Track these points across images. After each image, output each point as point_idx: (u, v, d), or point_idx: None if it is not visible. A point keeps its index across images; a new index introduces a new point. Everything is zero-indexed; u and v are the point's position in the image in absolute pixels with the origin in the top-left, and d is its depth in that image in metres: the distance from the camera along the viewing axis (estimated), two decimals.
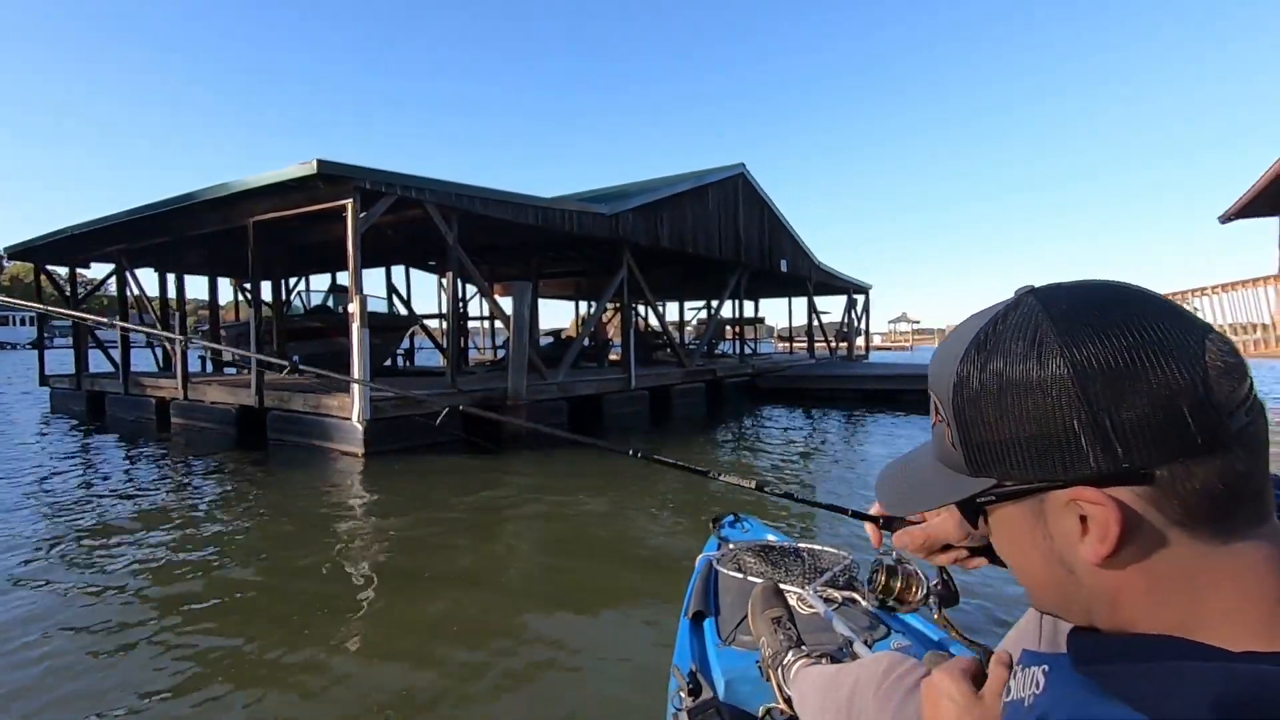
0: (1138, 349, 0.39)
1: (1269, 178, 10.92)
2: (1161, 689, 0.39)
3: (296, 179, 7.41)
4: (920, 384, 13.70)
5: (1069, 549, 0.43)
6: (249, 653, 2.99)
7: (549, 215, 10.24)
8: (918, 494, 0.54)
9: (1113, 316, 0.40)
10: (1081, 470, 0.40)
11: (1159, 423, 0.38)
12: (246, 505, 5.78)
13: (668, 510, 5.57)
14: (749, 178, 15.94)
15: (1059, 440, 0.41)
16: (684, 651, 1.69)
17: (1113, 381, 0.39)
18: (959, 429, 0.47)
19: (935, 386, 0.50)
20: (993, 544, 0.53)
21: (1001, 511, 0.47)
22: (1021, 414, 0.42)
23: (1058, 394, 0.40)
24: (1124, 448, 0.39)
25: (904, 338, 56.52)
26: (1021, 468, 0.43)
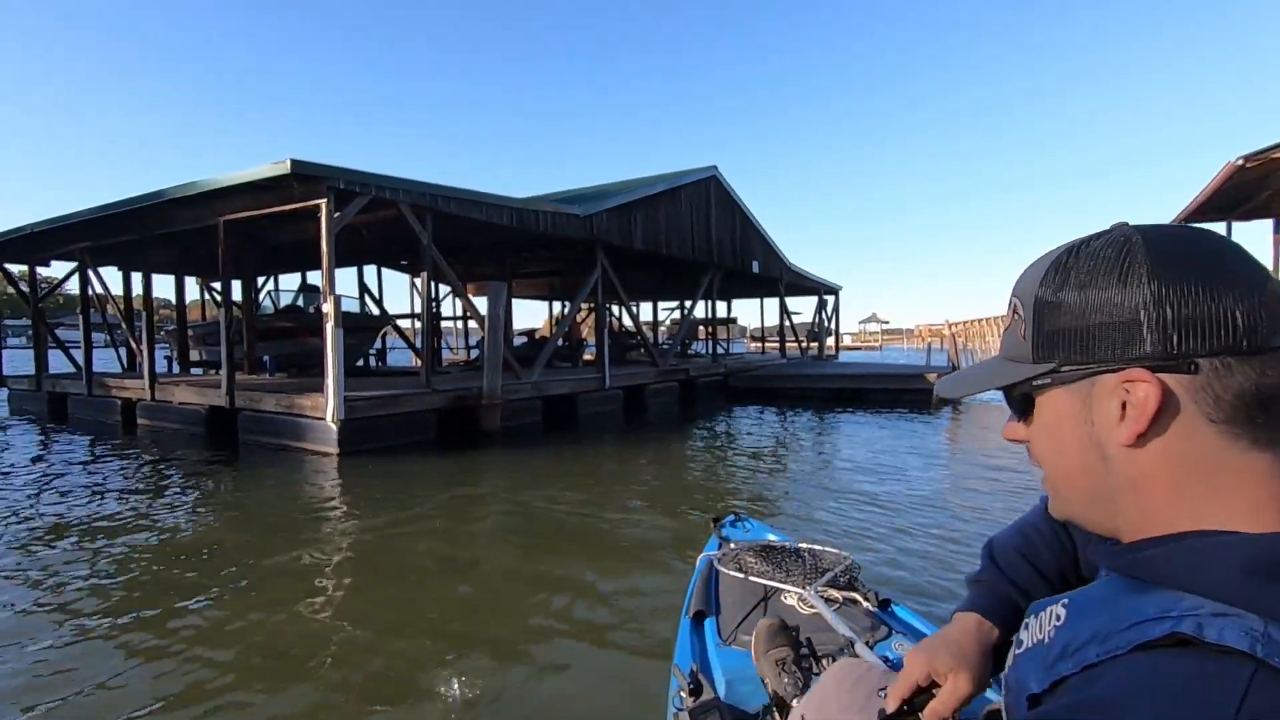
0: (1214, 276, 0.45)
1: (1215, 185, 11.40)
2: (1192, 562, 0.43)
3: (270, 178, 7.38)
4: (883, 382, 14.04)
5: (1107, 432, 0.48)
6: (216, 659, 2.92)
7: (523, 216, 10.31)
8: (978, 378, 0.60)
9: (1194, 246, 0.47)
10: (1135, 353, 0.46)
11: (1212, 319, 0.44)
12: (216, 506, 5.72)
13: (647, 503, 5.69)
14: (721, 180, 16.16)
15: (1123, 328, 0.46)
16: (685, 651, 1.69)
17: (1180, 281, 0.45)
18: (1035, 318, 0.52)
19: (1019, 288, 0.55)
20: (1033, 439, 0.56)
21: (1052, 397, 0.52)
22: (1098, 307, 0.48)
23: (1135, 295, 0.46)
24: (1178, 335, 0.45)
25: (874, 338, 57.41)
26: (1083, 353, 0.49)
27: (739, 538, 2.33)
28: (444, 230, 10.02)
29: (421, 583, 3.93)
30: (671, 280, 19.53)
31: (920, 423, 10.80)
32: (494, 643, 3.07)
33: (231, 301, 9.59)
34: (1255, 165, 10.38)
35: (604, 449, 8.85)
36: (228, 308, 9.34)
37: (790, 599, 1.79)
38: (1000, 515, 5.06)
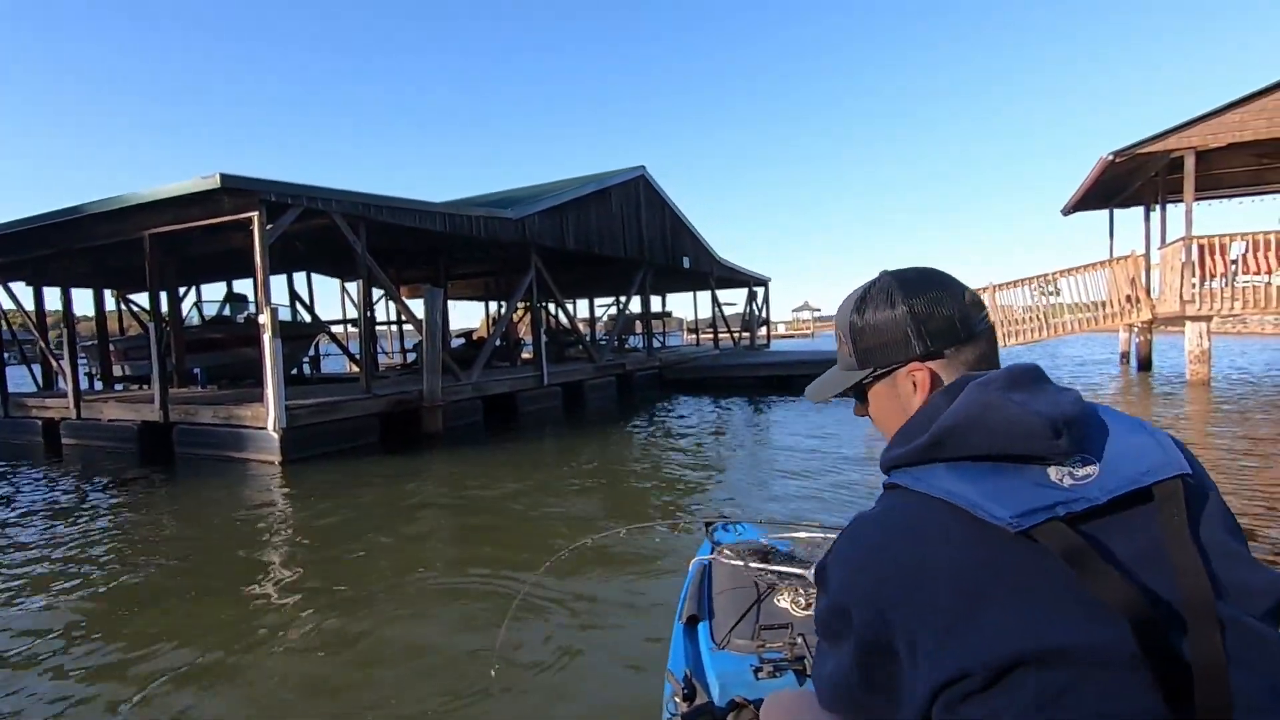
0: (936, 294, 0.80)
1: (1092, 178, 12.61)
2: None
3: (199, 192, 7.42)
4: (809, 369, 14.86)
5: (908, 400, 0.81)
6: (160, 684, 2.86)
7: (456, 221, 10.53)
8: (831, 385, 0.91)
9: (925, 282, 0.81)
10: (911, 354, 0.80)
11: (945, 328, 0.79)
12: (154, 522, 5.69)
13: (592, 500, 6.08)
14: (650, 180, 16.65)
15: (901, 341, 0.80)
16: (678, 656, 1.69)
17: (925, 311, 0.79)
18: (852, 344, 0.85)
19: (839, 323, 0.88)
20: (870, 413, 0.88)
21: (875, 388, 0.85)
22: (885, 329, 0.81)
23: (900, 319, 0.80)
24: (931, 340, 0.79)
25: (806, 325, 59.17)
26: (885, 358, 0.82)
27: (730, 542, 2.31)
28: (377, 236, 10.15)
29: (382, 593, 4.24)
30: (605, 278, 19.95)
31: (845, 405, 11.58)
32: (461, 644, 3.44)
33: (160, 313, 9.46)
34: (1124, 160, 11.59)
35: (545, 443, 9.23)
36: (157, 320, 9.25)
37: (783, 601, 1.79)
38: None
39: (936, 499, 0.65)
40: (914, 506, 0.67)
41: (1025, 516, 0.60)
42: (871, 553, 0.67)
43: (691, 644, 1.72)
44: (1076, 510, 0.61)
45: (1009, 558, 0.60)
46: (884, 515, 0.69)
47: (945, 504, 0.64)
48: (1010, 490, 0.63)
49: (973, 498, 0.63)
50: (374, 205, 9.13)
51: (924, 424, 0.71)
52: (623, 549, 4.32)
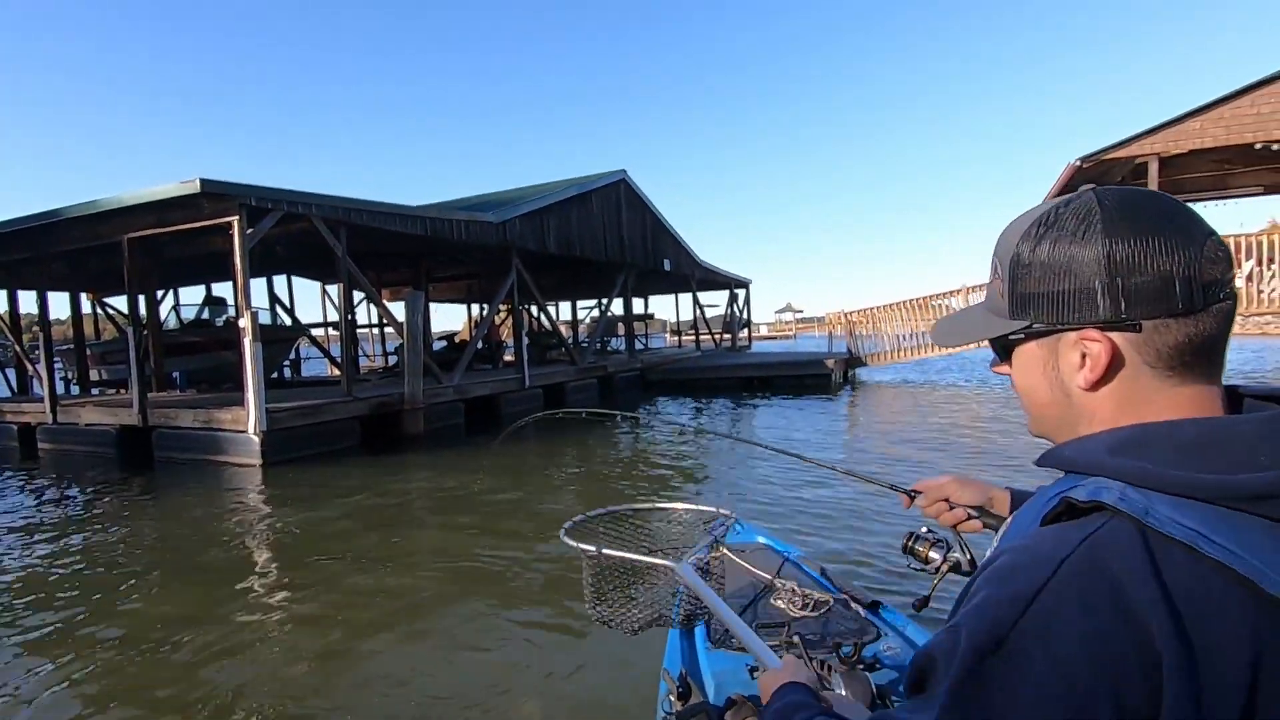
0: (1157, 236, 0.53)
1: (1060, 183, 12.94)
2: (1081, 448, 0.57)
3: (179, 196, 7.45)
4: (788, 370, 15.09)
5: (1070, 377, 0.58)
6: (145, 691, 2.87)
7: (437, 225, 10.60)
8: (967, 329, 0.70)
9: (1144, 214, 0.54)
10: (1091, 317, 0.55)
11: (1154, 290, 0.53)
12: (136, 526, 5.72)
13: (570, 493, 6.22)
14: (630, 183, 16.80)
15: (1083, 295, 0.55)
16: (674, 655, 1.70)
17: (1131, 259, 0.53)
18: (1010, 281, 0.61)
19: (999, 250, 0.63)
20: (1013, 376, 0.66)
21: (1025, 348, 0.62)
22: (1062, 274, 0.56)
23: (1090, 262, 0.55)
24: (1126, 304, 0.54)
25: (789, 327, 59.64)
26: (1050, 313, 0.58)
27: (730, 541, 2.28)
28: (358, 239, 10.19)
29: (370, 593, 4.33)
30: (587, 280, 20.06)
31: (825, 401, 11.80)
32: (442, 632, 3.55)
33: (139, 317, 9.45)
34: (1091, 165, 11.92)
35: (527, 445, 9.32)
36: (136, 324, 9.25)
37: (781, 600, 1.80)
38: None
39: (1206, 556, 0.47)
40: (1175, 556, 0.48)
41: None
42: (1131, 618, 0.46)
43: (688, 643, 1.73)
44: None
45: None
46: (1129, 557, 0.48)
47: (1216, 564, 0.46)
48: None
49: (1258, 561, 0.46)
50: (354, 209, 9.19)
51: (1224, 449, 0.51)
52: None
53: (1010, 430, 7.91)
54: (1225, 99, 10.82)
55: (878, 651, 1.54)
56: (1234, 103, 10.77)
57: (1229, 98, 10.79)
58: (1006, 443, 7.26)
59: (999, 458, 6.64)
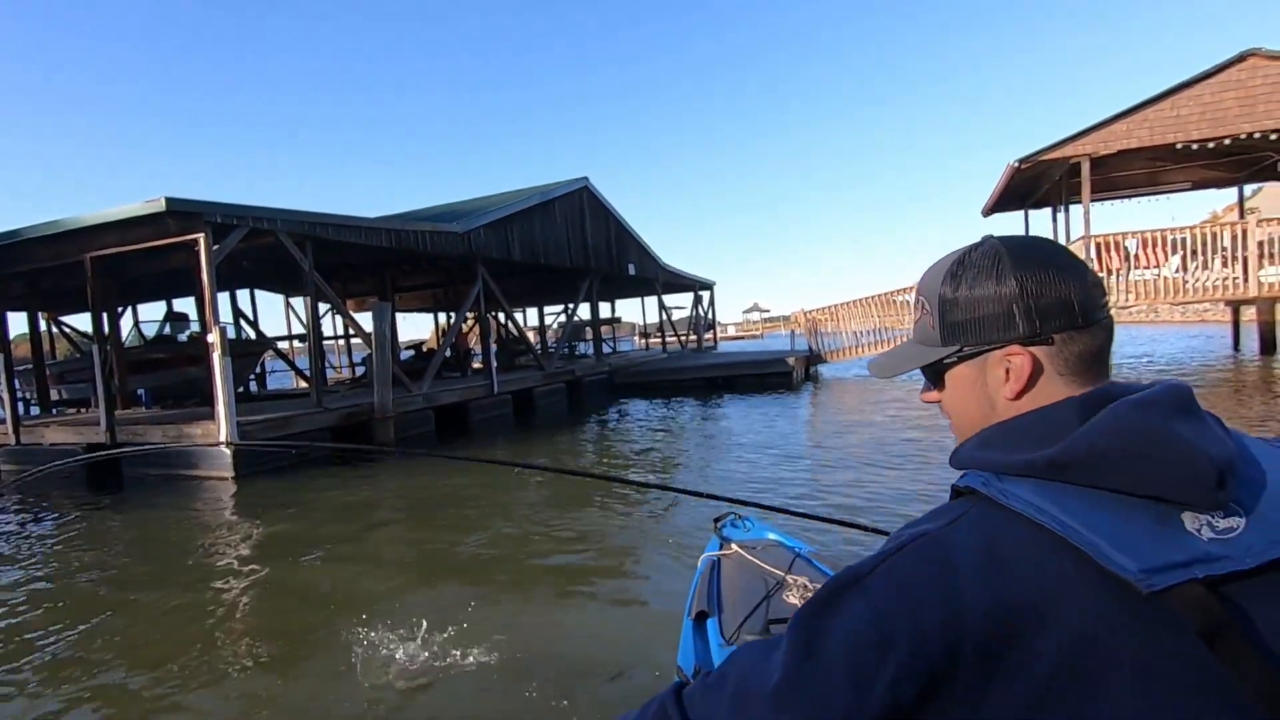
0: (1054, 268, 0.64)
1: (1002, 184, 13.60)
2: (964, 448, 0.68)
3: (144, 215, 7.54)
4: (752, 369, 15.52)
5: (997, 390, 0.67)
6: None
7: (402, 236, 10.78)
8: (903, 360, 0.77)
9: (1040, 253, 0.66)
10: (1013, 335, 0.64)
11: (1059, 309, 0.63)
12: (109, 545, 5.74)
13: (548, 508, 6.46)
14: (593, 190, 17.10)
15: (1004, 318, 0.65)
16: (687, 652, 1.71)
17: (1038, 286, 0.63)
18: (940, 315, 0.70)
19: (924, 291, 0.73)
20: (943, 400, 0.75)
21: (957, 370, 0.71)
22: (984, 303, 0.66)
23: (1009, 291, 0.64)
24: (1040, 321, 0.63)
25: (756, 326, 60.45)
26: (978, 336, 0.67)
27: (739, 538, 2.33)
28: (323, 252, 10.31)
29: (350, 602, 4.55)
30: (553, 286, 20.31)
31: (788, 398, 12.23)
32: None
33: (103, 335, 9.46)
34: (1029, 166, 12.57)
35: (496, 450, 9.56)
36: (101, 342, 9.25)
37: (793, 596, 1.81)
38: (867, 457, 6.28)
39: (1045, 528, 0.53)
40: (1016, 530, 0.55)
41: (1160, 574, 0.49)
42: (955, 577, 0.54)
43: (701, 640, 1.74)
44: (1216, 574, 0.50)
45: (1132, 624, 0.50)
46: (972, 531, 0.56)
47: (1054, 536, 0.53)
48: (1139, 535, 0.52)
49: (1096, 537, 0.51)
50: (319, 223, 9.33)
51: (1043, 431, 0.60)
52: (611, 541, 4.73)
53: None
54: (1148, 102, 11.52)
55: None
56: (1156, 106, 11.48)
57: (1151, 101, 11.50)
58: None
59: (949, 444, 7.09)
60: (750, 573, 1.97)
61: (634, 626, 3.33)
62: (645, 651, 2.90)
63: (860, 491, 5.34)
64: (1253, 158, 13.52)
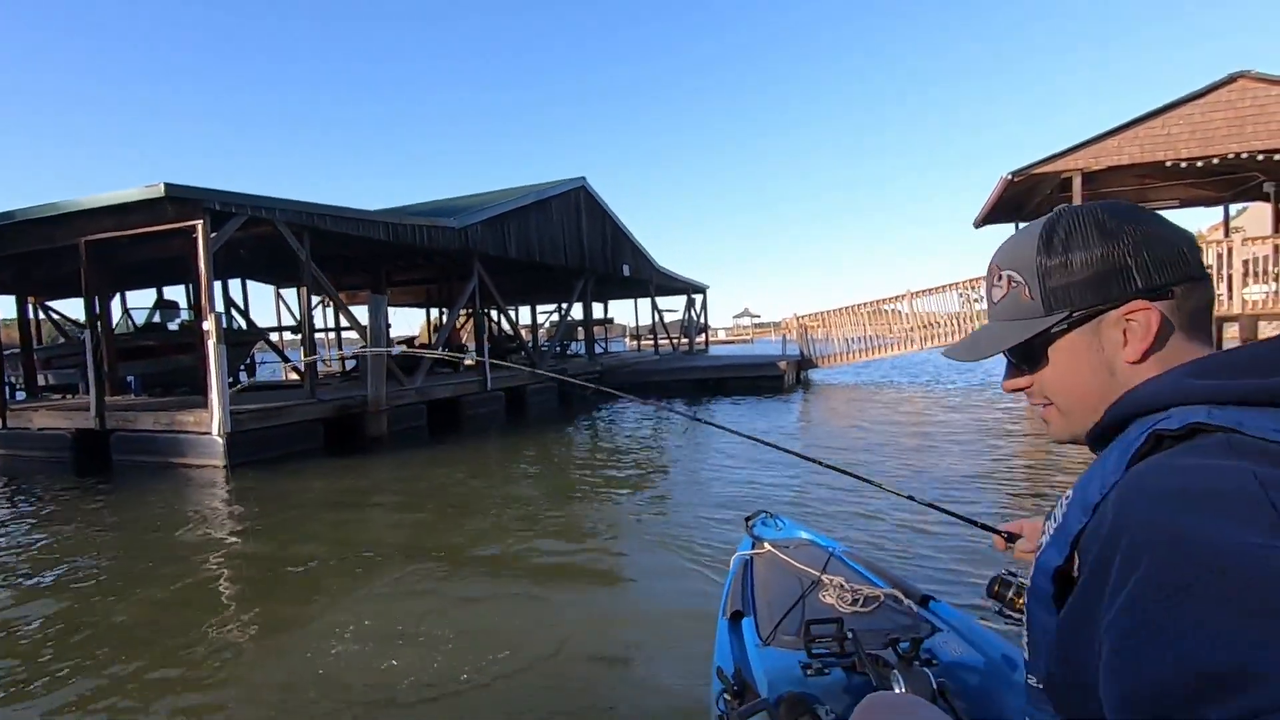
0: (1157, 222, 0.62)
1: (995, 196, 13.78)
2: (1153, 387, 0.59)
3: (143, 200, 7.51)
4: (742, 372, 15.61)
5: (1115, 354, 0.63)
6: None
7: (399, 230, 10.78)
8: (995, 341, 0.70)
9: (1135, 210, 0.64)
10: (1131, 290, 0.61)
11: (1175, 258, 0.61)
12: (95, 531, 5.65)
13: (541, 494, 6.50)
14: (589, 190, 17.16)
15: (1121, 273, 0.61)
16: (724, 653, 1.68)
17: (1149, 238, 0.61)
18: (1041, 281, 0.65)
19: (1011, 263, 0.69)
20: (1041, 381, 0.69)
21: (1064, 340, 0.66)
22: (1095, 261, 0.62)
23: (1123, 244, 0.61)
24: (1158, 273, 0.60)
25: (746, 331, 60.81)
26: (1092, 296, 0.62)
27: (771, 536, 2.31)
28: (319, 244, 10.29)
29: (344, 593, 4.56)
30: (548, 285, 20.33)
31: (779, 402, 12.32)
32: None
33: (96, 320, 9.40)
34: (1021, 179, 12.75)
35: (489, 445, 9.59)
36: (92, 327, 9.20)
37: (829, 596, 1.79)
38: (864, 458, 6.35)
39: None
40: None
41: None
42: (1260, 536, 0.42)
43: (737, 640, 1.71)
44: None
45: None
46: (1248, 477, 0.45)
47: None
48: None
49: None
50: (318, 214, 9.33)
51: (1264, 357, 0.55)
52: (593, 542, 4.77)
53: (951, 420, 8.51)
54: (1139, 120, 11.73)
55: (934, 647, 1.50)
56: (1147, 123, 11.69)
57: (1143, 119, 11.70)
58: (949, 432, 7.83)
59: (946, 442, 7.17)
60: (784, 572, 1.95)
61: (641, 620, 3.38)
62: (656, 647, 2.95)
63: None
64: (1240, 178, 13.79)
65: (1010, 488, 5.47)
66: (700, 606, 3.10)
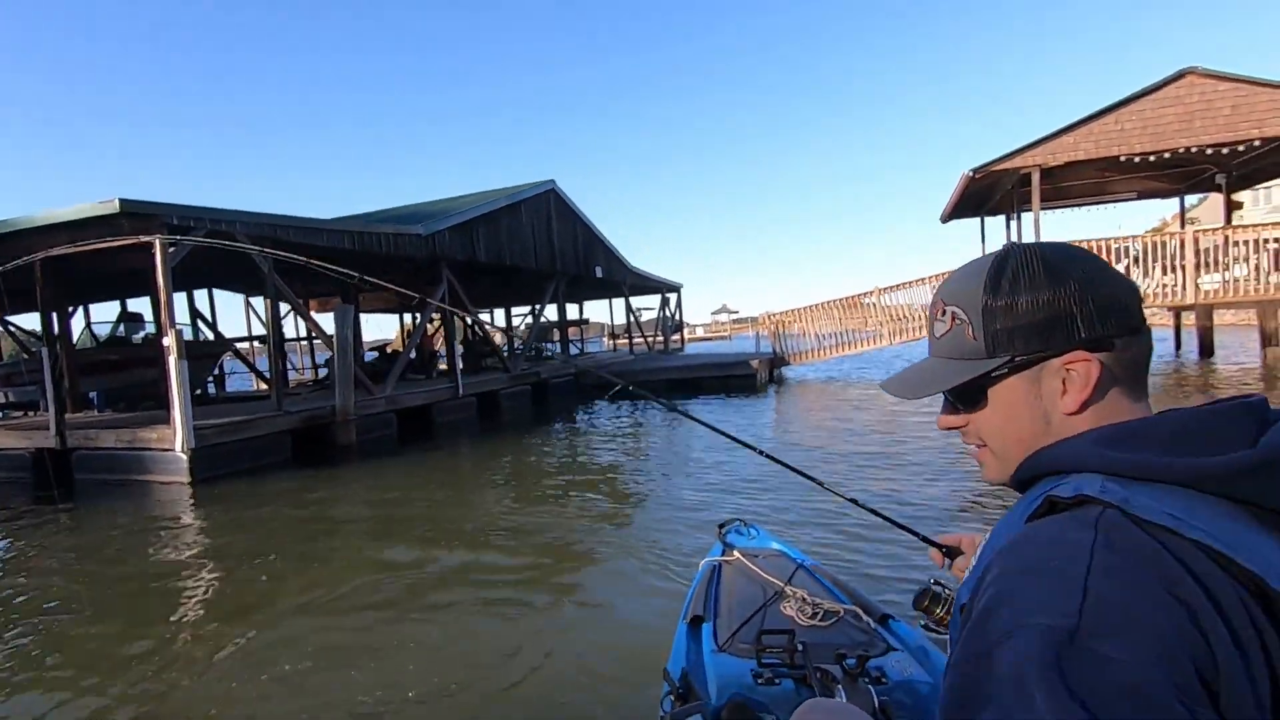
0: (1104, 270, 0.62)
1: (958, 192, 14.01)
2: (1060, 451, 0.60)
3: (98, 216, 7.39)
4: (717, 370, 15.72)
5: (1052, 404, 0.62)
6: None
7: (365, 239, 10.71)
8: (937, 379, 0.69)
9: (1083, 256, 0.63)
10: (1074, 339, 0.60)
11: (1120, 309, 0.60)
12: (56, 555, 5.57)
13: (511, 500, 6.52)
14: (560, 193, 17.15)
15: (1064, 321, 0.60)
16: (679, 656, 1.68)
17: (1096, 287, 0.60)
18: (984, 322, 0.64)
19: (955, 299, 0.67)
20: (976, 422, 0.68)
21: (1004, 385, 0.64)
22: (1040, 306, 0.61)
23: (1068, 292, 0.60)
24: (1101, 323, 0.60)
25: (724, 328, 60.94)
26: (1034, 343, 0.61)
27: (743, 545, 2.30)
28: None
29: (314, 607, 4.55)
30: (520, 287, 20.28)
31: (753, 400, 12.43)
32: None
33: (53, 336, 9.23)
34: (982, 175, 12.97)
35: (460, 451, 9.57)
36: (51, 344, 9.05)
37: (789, 608, 1.80)
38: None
39: (1190, 541, 0.48)
40: (1162, 545, 0.49)
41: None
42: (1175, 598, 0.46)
43: (694, 644, 1.72)
44: None
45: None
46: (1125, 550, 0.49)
47: (1205, 551, 0.48)
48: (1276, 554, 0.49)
49: (1259, 556, 0.48)
50: (280, 225, 9.24)
51: (1213, 433, 0.55)
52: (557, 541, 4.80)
53: (923, 417, 8.67)
54: (1094, 116, 12.00)
55: (884, 666, 1.52)
56: (1101, 119, 11.96)
57: (1097, 115, 11.98)
58: (917, 428, 7.98)
59: (913, 443, 7.31)
60: (750, 581, 1.96)
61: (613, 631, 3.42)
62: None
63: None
64: (1192, 170, 14.16)
65: (975, 489, 5.60)
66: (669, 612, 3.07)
